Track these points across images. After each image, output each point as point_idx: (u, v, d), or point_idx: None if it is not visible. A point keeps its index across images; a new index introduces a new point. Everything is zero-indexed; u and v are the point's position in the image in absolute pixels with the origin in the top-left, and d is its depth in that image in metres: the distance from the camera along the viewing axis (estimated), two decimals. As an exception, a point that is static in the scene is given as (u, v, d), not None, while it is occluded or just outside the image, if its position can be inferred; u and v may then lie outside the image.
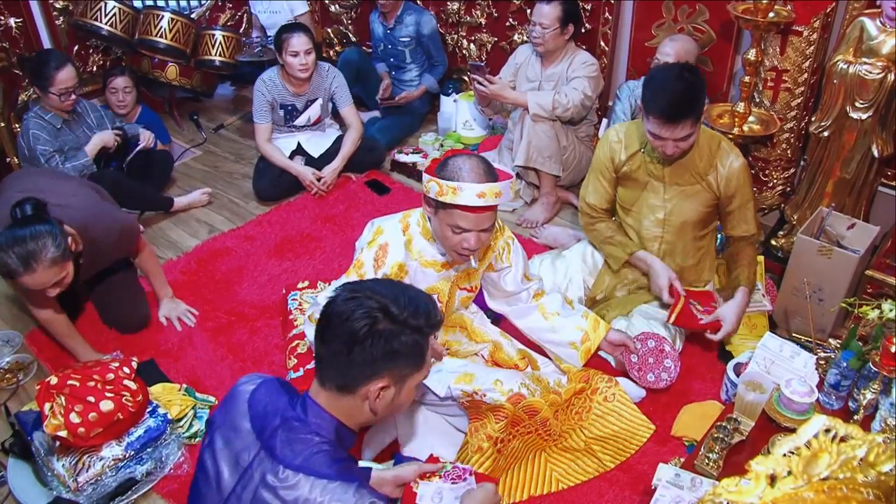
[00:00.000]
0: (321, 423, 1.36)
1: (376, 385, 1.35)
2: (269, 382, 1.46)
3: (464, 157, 1.91)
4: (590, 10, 3.56)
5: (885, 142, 2.68)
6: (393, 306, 1.34)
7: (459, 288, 2.23)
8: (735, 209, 2.50)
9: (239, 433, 1.38)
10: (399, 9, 4.00)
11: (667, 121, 2.25)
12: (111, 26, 3.91)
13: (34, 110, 3.17)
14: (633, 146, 2.53)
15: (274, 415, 1.37)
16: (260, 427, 1.36)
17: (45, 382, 2.06)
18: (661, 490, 1.73)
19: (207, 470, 1.40)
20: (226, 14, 4.66)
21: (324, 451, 1.32)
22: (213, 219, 3.55)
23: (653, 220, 2.59)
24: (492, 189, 1.86)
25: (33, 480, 2.17)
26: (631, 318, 2.57)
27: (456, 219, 1.91)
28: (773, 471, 0.85)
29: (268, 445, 1.33)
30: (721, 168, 2.43)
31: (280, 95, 3.58)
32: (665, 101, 2.24)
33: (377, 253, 2.08)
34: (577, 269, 2.77)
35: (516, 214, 3.51)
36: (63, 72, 3.04)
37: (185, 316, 2.86)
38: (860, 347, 1.96)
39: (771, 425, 1.91)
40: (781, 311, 2.67)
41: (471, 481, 1.81)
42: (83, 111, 3.33)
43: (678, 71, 2.29)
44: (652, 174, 2.52)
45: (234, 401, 1.43)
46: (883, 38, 2.56)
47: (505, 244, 2.24)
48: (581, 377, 2.26)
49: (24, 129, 3.14)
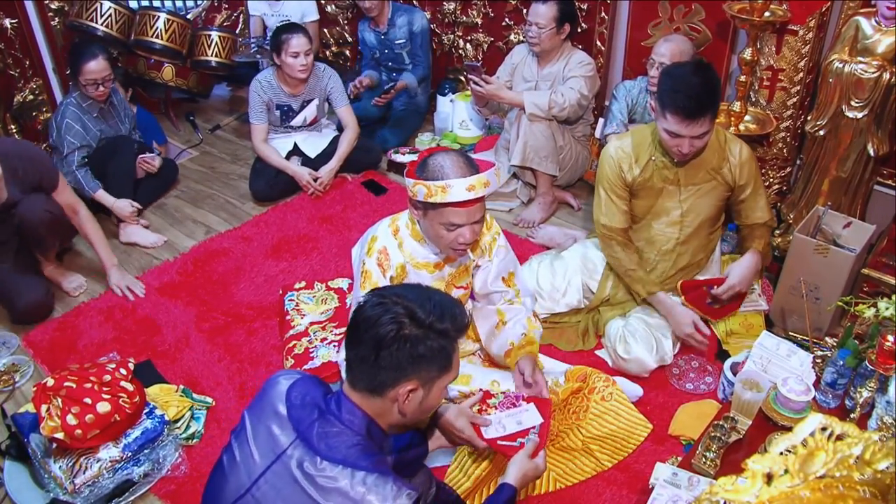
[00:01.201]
0: (353, 419, 1.41)
1: (405, 388, 1.39)
2: (307, 378, 1.51)
3: (442, 155, 1.92)
4: (586, 10, 3.56)
5: (881, 140, 2.68)
6: (419, 311, 1.38)
7: (455, 287, 2.23)
8: (748, 197, 2.50)
9: (276, 420, 1.42)
10: (388, 12, 3.98)
11: (686, 117, 2.21)
12: (107, 27, 3.90)
13: (73, 96, 3.26)
14: (643, 156, 2.47)
15: (312, 407, 1.42)
16: (297, 418, 1.40)
17: (42, 384, 2.06)
18: (659, 489, 1.73)
19: (234, 453, 1.44)
20: (222, 15, 4.64)
21: (357, 444, 1.36)
22: (210, 219, 3.55)
23: (666, 222, 2.55)
24: (479, 180, 1.87)
25: (30, 482, 2.16)
26: (628, 319, 2.57)
27: (448, 216, 1.92)
28: (769, 469, 0.86)
29: (305, 437, 1.37)
30: (732, 158, 2.43)
31: (276, 96, 3.58)
32: (684, 97, 2.19)
33: (379, 258, 2.10)
34: (575, 271, 2.76)
35: (513, 214, 3.51)
36: (91, 63, 3.10)
37: (134, 285, 2.95)
38: (856, 346, 1.97)
39: (768, 424, 1.91)
40: (778, 310, 2.68)
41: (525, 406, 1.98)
42: (119, 104, 3.44)
43: (694, 67, 2.27)
44: (667, 179, 2.48)
45: (273, 390, 1.49)
46: (878, 37, 2.57)
47: (492, 239, 2.24)
48: (578, 376, 2.26)
49: (61, 113, 3.22)
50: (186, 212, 3.61)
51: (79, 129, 3.21)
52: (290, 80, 3.53)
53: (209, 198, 3.72)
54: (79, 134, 3.21)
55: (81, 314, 2.90)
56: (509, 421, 1.95)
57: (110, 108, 3.38)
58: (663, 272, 2.60)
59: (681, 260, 2.59)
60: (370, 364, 1.38)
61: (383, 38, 4.05)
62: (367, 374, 1.40)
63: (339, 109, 3.73)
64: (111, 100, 3.36)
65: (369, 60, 4.20)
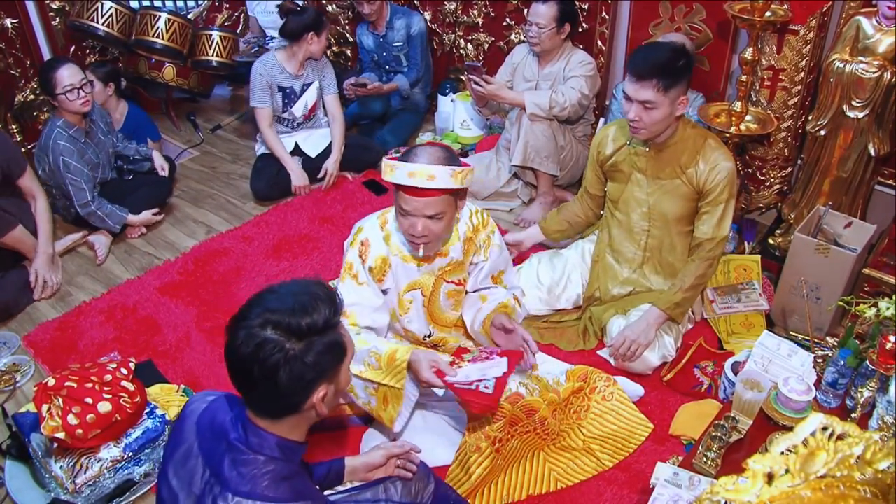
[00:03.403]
0: (262, 441, 1.31)
1: (317, 396, 1.30)
2: (218, 401, 1.40)
3: (425, 145, 1.96)
4: (587, 10, 3.56)
5: (882, 140, 2.68)
6: (289, 319, 1.25)
7: (446, 281, 2.24)
8: (706, 206, 2.44)
9: (189, 457, 1.33)
10: (386, 15, 3.99)
11: (635, 77, 2.27)
12: (108, 27, 3.90)
13: (59, 126, 3.08)
14: (621, 139, 2.55)
15: (220, 438, 1.32)
16: (207, 451, 1.32)
17: (43, 384, 2.06)
18: (660, 489, 1.73)
19: (164, 499, 1.37)
20: (223, 14, 4.65)
21: (270, 471, 1.28)
22: (211, 219, 3.55)
23: (639, 214, 2.59)
24: (423, 170, 1.87)
25: (31, 482, 2.16)
26: (629, 318, 2.57)
27: (399, 200, 1.96)
28: (770, 469, 0.86)
29: (216, 471, 1.29)
30: (702, 164, 2.40)
31: (279, 77, 3.58)
32: (641, 58, 2.29)
33: (360, 249, 2.15)
34: (575, 267, 2.78)
35: (514, 214, 3.52)
36: (62, 70, 3.01)
37: (49, 282, 3.01)
38: (857, 346, 1.97)
39: (769, 424, 1.91)
40: (779, 310, 2.67)
41: (498, 360, 2.00)
42: (98, 117, 3.33)
43: (669, 42, 2.37)
44: (635, 166, 2.52)
45: (184, 424, 1.39)
46: (879, 36, 2.57)
47: (486, 237, 2.25)
48: (579, 376, 2.26)
49: (52, 149, 3.07)
50: (187, 211, 3.61)
51: (77, 166, 3.09)
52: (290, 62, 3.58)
53: (210, 197, 3.72)
54: (78, 170, 3.10)
55: (82, 314, 2.90)
56: (474, 370, 1.99)
57: (91, 125, 3.24)
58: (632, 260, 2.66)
59: (655, 256, 2.61)
60: (273, 397, 1.28)
61: (381, 41, 4.05)
62: (273, 405, 1.30)
63: (328, 96, 3.74)
64: (91, 115, 3.22)
65: (369, 63, 4.20)
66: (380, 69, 4.18)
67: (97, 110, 3.35)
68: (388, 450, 1.76)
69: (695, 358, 2.56)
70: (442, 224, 1.99)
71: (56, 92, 3.01)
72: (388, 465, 1.76)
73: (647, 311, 2.49)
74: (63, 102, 3.04)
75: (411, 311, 2.25)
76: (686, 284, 2.47)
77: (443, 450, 2.18)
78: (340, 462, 1.75)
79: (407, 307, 2.24)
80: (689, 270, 2.48)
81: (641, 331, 2.45)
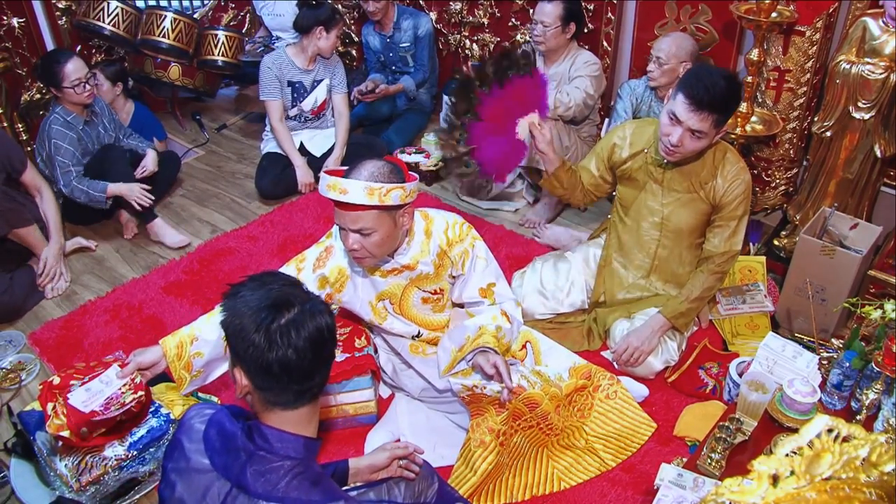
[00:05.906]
0: (288, 445, 1.32)
1: None
2: (219, 416, 1.40)
3: (375, 159, 1.96)
4: (592, 11, 3.55)
5: (888, 142, 2.67)
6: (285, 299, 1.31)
7: (418, 288, 2.24)
8: (719, 219, 2.43)
9: (200, 472, 1.32)
10: (393, 15, 3.99)
11: (694, 103, 2.18)
12: (114, 26, 3.92)
13: (56, 112, 3.16)
14: (638, 145, 2.50)
15: (236, 451, 1.31)
16: (224, 465, 1.31)
17: (48, 382, 2.06)
18: (664, 490, 1.73)
19: (165, 500, 1.36)
20: (229, 14, 4.66)
21: (298, 474, 1.28)
22: (216, 219, 3.56)
23: (651, 223, 2.56)
24: (337, 183, 1.87)
25: (36, 480, 2.17)
26: (633, 321, 2.57)
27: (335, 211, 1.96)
28: (775, 471, 0.85)
29: (239, 483, 1.28)
30: (720, 179, 2.37)
31: (288, 71, 3.59)
32: (704, 86, 2.16)
33: (321, 254, 2.17)
34: (579, 272, 2.76)
35: (519, 214, 3.52)
36: (69, 65, 3.05)
37: (59, 276, 3.06)
38: (863, 347, 1.96)
39: (773, 425, 1.91)
40: (784, 312, 2.67)
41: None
42: (101, 111, 3.36)
43: (725, 72, 2.26)
44: (651, 176, 2.49)
45: (188, 438, 1.37)
46: (886, 38, 2.56)
47: (464, 251, 2.18)
48: (583, 374, 2.26)
49: (47, 133, 3.14)
50: (192, 211, 3.62)
51: (67, 148, 3.13)
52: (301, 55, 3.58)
53: (215, 197, 3.73)
54: (68, 152, 3.13)
55: (87, 313, 2.91)
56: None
57: (93, 117, 3.29)
58: (640, 267, 2.63)
59: (664, 267, 2.59)
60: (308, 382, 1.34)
61: (388, 42, 4.05)
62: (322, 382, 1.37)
63: (336, 95, 3.75)
64: (93, 108, 3.28)
65: (375, 63, 4.20)
66: (385, 70, 4.18)
67: (104, 108, 3.38)
68: (393, 451, 1.77)
69: (699, 359, 2.55)
70: (375, 240, 1.96)
71: (63, 85, 3.06)
72: (392, 465, 1.77)
73: (652, 318, 2.48)
74: (69, 95, 3.10)
75: (389, 318, 2.30)
76: (693, 295, 2.46)
77: (447, 448, 2.19)
78: (345, 463, 1.76)
79: (384, 315, 2.29)
80: (698, 282, 2.47)
81: (645, 338, 2.44)
